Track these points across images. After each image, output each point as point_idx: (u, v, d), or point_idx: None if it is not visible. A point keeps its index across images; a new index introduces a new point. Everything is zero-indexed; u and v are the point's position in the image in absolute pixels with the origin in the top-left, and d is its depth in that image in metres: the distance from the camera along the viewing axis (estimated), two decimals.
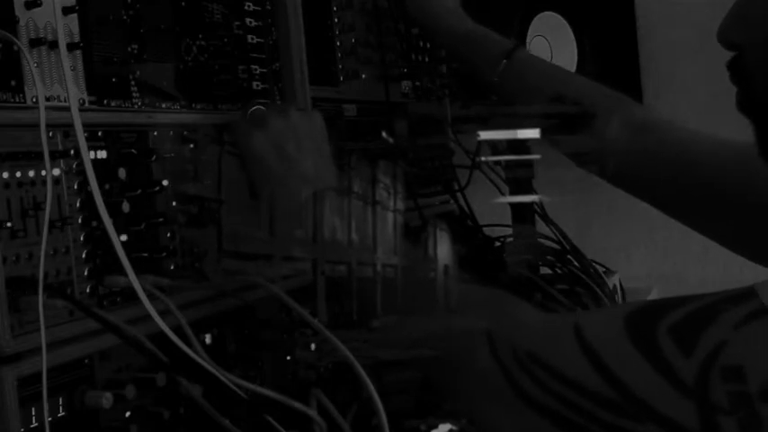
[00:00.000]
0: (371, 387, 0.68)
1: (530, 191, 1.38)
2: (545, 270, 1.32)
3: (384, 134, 1.15)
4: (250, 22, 0.95)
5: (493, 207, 1.36)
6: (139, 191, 0.78)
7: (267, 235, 0.79)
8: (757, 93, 0.78)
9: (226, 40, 0.91)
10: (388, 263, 0.86)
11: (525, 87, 1.12)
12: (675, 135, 1.06)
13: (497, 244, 1.39)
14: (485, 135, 1.16)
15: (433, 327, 0.77)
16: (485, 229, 1.37)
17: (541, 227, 1.36)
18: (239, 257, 0.79)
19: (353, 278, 0.78)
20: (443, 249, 0.84)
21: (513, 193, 1.40)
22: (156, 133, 0.81)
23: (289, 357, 0.93)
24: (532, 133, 1.10)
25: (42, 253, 0.64)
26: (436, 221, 0.83)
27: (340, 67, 1.14)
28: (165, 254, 0.80)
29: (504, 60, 1.11)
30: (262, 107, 0.88)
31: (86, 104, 0.73)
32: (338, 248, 0.79)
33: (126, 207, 0.77)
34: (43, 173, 0.69)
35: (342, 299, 0.80)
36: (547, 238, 1.34)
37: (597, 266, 1.34)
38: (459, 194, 1.36)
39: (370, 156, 1.04)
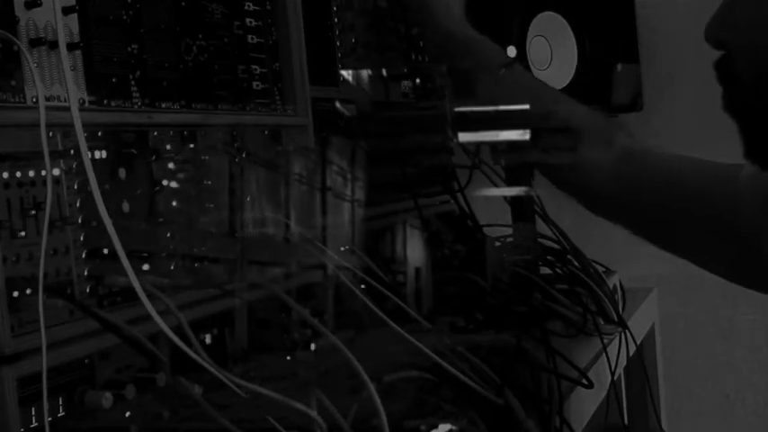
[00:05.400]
0: (372, 387, 0.68)
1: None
2: (545, 270, 1.31)
3: (338, 105, 1.10)
4: (250, 22, 0.95)
5: (493, 207, 1.36)
6: (139, 191, 0.78)
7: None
8: (743, 93, 0.79)
9: (226, 40, 0.91)
10: (343, 265, 0.84)
11: (516, 102, 1.11)
12: (659, 162, 1.05)
13: (497, 244, 1.39)
14: (464, 137, 1.15)
15: None
16: (485, 229, 1.37)
17: (541, 227, 1.36)
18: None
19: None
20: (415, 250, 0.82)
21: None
22: (156, 133, 0.81)
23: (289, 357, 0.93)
24: (516, 134, 1.08)
25: (42, 253, 0.64)
26: (407, 221, 0.81)
27: (340, 66, 1.14)
28: (164, 254, 0.80)
29: (503, 70, 1.10)
30: None
31: (86, 104, 0.73)
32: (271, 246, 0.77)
33: (126, 207, 0.77)
34: (43, 173, 0.69)
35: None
36: (547, 237, 1.34)
37: (597, 266, 1.34)
38: (459, 194, 1.36)
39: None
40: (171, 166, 0.83)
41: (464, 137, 1.13)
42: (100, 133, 0.75)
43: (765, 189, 0.91)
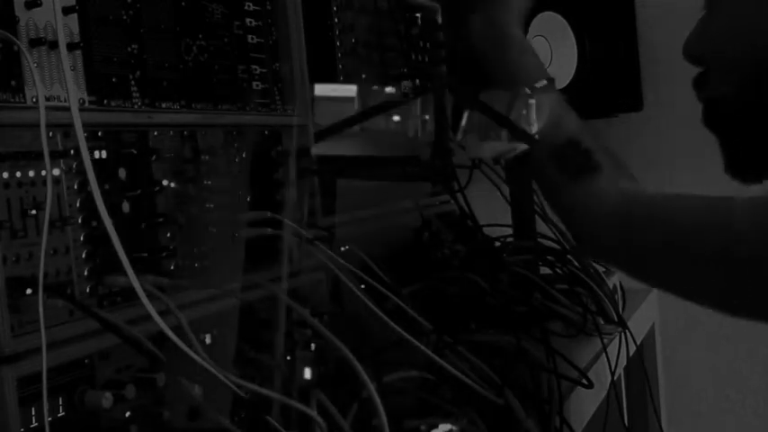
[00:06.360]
0: (371, 387, 0.68)
1: (530, 190, 1.38)
2: (545, 270, 1.32)
3: None
4: (250, 22, 0.95)
5: (493, 207, 1.36)
6: (139, 191, 0.78)
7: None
8: (721, 108, 0.79)
9: (226, 40, 0.91)
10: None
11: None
12: (654, 202, 1.02)
13: (497, 244, 1.39)
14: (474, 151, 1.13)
15: None
16: (485, 229, 1.37)
17: (541, 226, 1.36)
18: None
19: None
20: None
21: (513, 192, 1.40)
22: (156, 133, 0.81)
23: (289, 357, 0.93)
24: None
25: (42, 253, 0.64)
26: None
27: (340, 67, 1.14)
28: (164, 254, 0.80)
29: (545, 82, 1.03)
30: None
31: (86, 104, 0.73)
32: None
33: (126, 207, 0.77)
34: (43, 173, 0.69)
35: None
36: (547, 237, 1.34)
37: (597, 266, 1.34)
38: (459, 194, 1.35)
39: None
40: (171, 166, 0.83)
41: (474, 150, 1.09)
42: (100, 133, 0.75)
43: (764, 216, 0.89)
